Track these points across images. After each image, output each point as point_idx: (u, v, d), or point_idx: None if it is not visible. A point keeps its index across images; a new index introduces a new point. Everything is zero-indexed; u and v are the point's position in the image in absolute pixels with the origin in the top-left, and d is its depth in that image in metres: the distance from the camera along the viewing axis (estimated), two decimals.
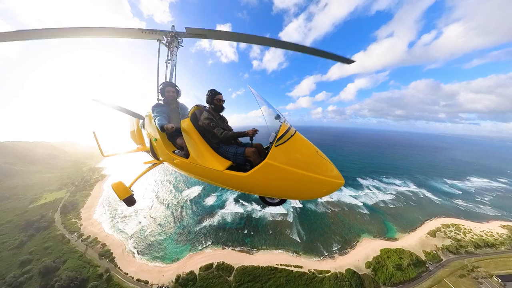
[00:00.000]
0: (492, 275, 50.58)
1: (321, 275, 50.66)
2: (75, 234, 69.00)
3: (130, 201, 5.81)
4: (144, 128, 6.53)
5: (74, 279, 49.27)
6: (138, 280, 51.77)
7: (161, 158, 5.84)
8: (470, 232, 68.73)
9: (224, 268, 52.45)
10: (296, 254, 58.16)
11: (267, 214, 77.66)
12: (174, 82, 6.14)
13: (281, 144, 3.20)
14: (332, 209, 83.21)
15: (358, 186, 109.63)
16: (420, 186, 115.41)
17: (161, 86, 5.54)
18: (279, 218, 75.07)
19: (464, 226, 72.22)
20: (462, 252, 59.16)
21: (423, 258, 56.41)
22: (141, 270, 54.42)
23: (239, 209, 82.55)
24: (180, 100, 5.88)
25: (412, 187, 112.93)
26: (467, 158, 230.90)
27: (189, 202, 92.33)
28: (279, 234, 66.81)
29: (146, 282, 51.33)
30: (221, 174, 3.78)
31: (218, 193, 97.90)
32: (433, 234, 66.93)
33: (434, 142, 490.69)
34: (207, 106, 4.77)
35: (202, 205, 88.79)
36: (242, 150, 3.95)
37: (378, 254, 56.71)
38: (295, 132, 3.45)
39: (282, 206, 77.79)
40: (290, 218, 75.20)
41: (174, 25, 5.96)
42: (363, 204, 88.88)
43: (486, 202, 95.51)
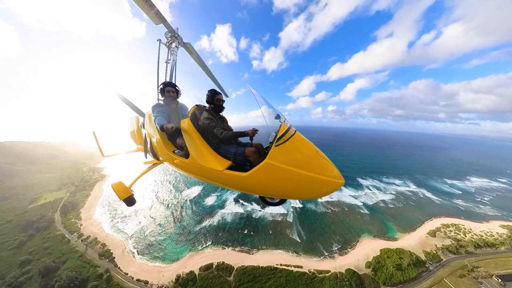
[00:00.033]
0: (492, 275, 50.55)
1: (321, 275, 50.64)
2: (75, 234, 68.97)
3: (130, 201, 5.81)
4: (144, 128, 6.54)
5: (74, 279, 49.24)
6: (138, 280, 51.73)
7: (161, 158, 5.83)
8: (470, 232, 68.70)
9: (224, 268, 52.42)
10: (296, 254, 58.11)
11: (267, 214, 77.62)
12: (174, 82, 6.14)
13: (281, 144, 3.19)
14: (332, 209, 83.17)
15: (358, 186, 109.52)
16: (420, 186, 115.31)
17: (161, 86, 5.54)
18: (279, 218, 75.04)
19: (464, 226, 72.19)
20: (462, 252, 59.15)
21: (423, 258, 56.38)
22: (141, 270, 54.38)
23: (239, 209, 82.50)
24: (180, 100, 5.88)
25: (412, 187, 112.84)
26: (467, 158, 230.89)
27: (189, 202, 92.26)
28: (279, 234, 66.77)
29: (146, 282, 51.30)
30: (221, 174, 3.78)
31: (218, 193, 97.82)
32: (433, 234, 66.91)
33: (434, 142, 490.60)
34: (207, 106, 4.78)
35: (202, 205, 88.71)
36: (242, 150, 3.95)
37: (378, 254, 56.67)
38: (295, 132, 3.44)
39: (282, 206, 77.75)
40: (290, 218, 75.16)
41: (177, 27, 5.98)
42: (363, 204, 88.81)
43: (486, 202, 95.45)
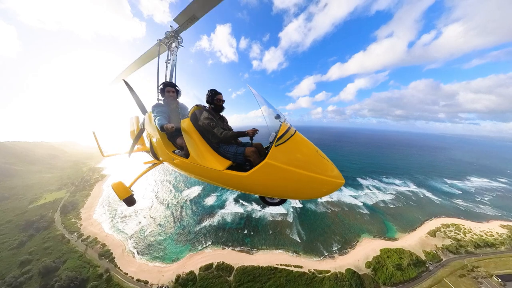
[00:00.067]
0: (492, 275, 50.56)
1: (321, 275, 50.63)
2: (75, 234, 68.95)
3: (130, 201, 5.80)
4: (144, 128, 6.54)
5: (74, 279, 49.21)
6: (138, 280, 51.72)
7: (161, 158, 5.83)
8: (470, 232, 68.71)
9: (224, 268, 52.41)
10: (296, 254, 58.11)
11: (267, 214, 77.61)
12: (174, 82, 6.14)
13: (281, 143, 3.19)
14: (332, 209, 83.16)
15: (358, 186, 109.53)
16: (420, 186, 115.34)
17: (161, 86, 5.54)
18: (279, 218, 75.03)
19: (464, 226, 72.20)
20: (462, 252, 59.16)
21: (423, 258, 56.40)
22: (141, 270, 54.37)
23: (239, 209, 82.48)
24: (180, 100, 5.88)
25: (412, 187, 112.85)
26: (467, 158, 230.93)
27: (189, 202, 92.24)
28: (279, 234, 66.77)
29: (146, 282, 51.28)
30: (221, 174, 3.77)
31: (218, 193, 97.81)
32: (433, 234, 66.91)
33: (434, 142, 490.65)
34: (207, 106, 4.78)
35: (202, 205, 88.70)
36: (242, 150, 3.95)
37: (378, 254, 56.68)
38: (295, 131, 3.44)
39: (282, 206, 77.74)
40: (290, 218, 75.15)
41: (172, 25, 5.95)
42: (363, 204, 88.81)
43: (486, 202, 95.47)
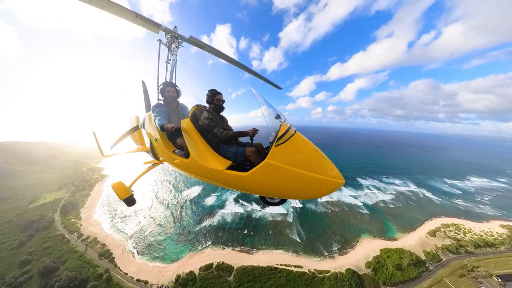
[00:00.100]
0: (492, 275, 50.59)
1: (321, 275, 50.64)
2: (75, 234, 68.94)
3: (130, 201, 5.80)
4: (144, 128, 6.53)
5: (74, 279, 49.20)
6: (138, 280, 51.72)
7: (161, 158, 5.83)
8: (470, 231, 68.74)
9: (224, 268, 52.42)
10: (296, 254, 58.12)
11: (267, 214, 77.61)
12: (174, 82, 6.14)
13: (281, 143, 3.19)
14: (332, 209, 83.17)
15: (358, 186, 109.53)
16: (420, 186, 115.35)
17: (161, 86, 5.55)
18: (279, 218, 75.03)
19: (464, 225, 72.22)
20: (462, 251, 59.18)
21: (423, 257, 56.41)
22: (141, 270, 54.36)
23: (239, 209, 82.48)
24: (180, 100, 5.88)
25: (412, 187, 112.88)
26: (467, 158, 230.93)
27: (189, 202, 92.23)
28: (279, 234, 66.77)
29: (146, 282, 51.28)
30: (221, 174, 3.77)
31: (218, 193, 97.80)
32: (433, 234, 66.93)
33: (434, 142, 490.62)
34: (207, 106, 4.78)
35: (202, 205, 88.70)
36: (242, 150, 3.95)
37: (378, 254, 56.69)
38: (295, 132, 3.44)
39: (282, 206, 77.73)
40: (290, 218, 75.15)
41: (175, 25, 5.96)
42: (363, 204, 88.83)
43: (486, 201, 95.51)
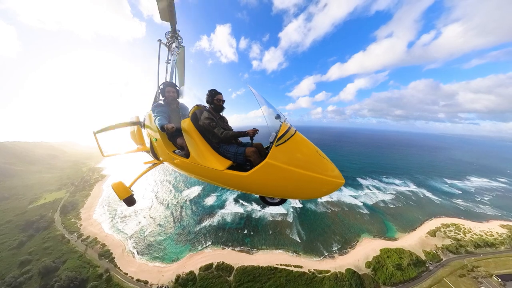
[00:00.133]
0: (492, 275, 50.60)
1: (321, 275, 50.64)
2: (75, 234, 68.92)
3: (130, 201, 5.79)
4: (144, 128, 6.53)
5: (74, 279, 49.18)
6: (138, 280, 51.70)
7: (161, 158, 5.82)
8: (470, 231, 68.76)
9: (224, 268, 52.42)
10: (296, 254, 58.12)
11: (267, 214, 77.61)
12: (174, 82, 6.14)
13: (281, 143, 3.19)
14: (332, 209, 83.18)
15: (358, 186, 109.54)
16: (420, 186, 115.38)
17: (161, 86, 5.55)
18: (279, 218, 75.02)
19: (464, 225, 72.24)
20: (462, 251, 59.20)
21: (423, 257, 56.43)
22: (140, 270, 54.34)
23: (239, 209, 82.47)
24: (180, 100, 5.88)
25: (412, 187, 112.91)
26: (467, 158, 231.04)
27: (188, 202, 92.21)
28: (279, 234, 66.77)
29: (146, 282, 51.26)
30: (221, 174, 3.77)
31: (218, 193, 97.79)
32: (433, 233, 66.94)
33: (434, 142, 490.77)
34: (207, 106, 4.78)
35: (202, 205, 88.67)
36: (242, 150, 3.95)
37: (378, 254, 56.70)
38: (295, 132, 3.45)
39: (282, 206, 77.73)
40: (290, 218, 75.15)
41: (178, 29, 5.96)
42: (363, 204, 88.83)
43: (485, 201, 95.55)
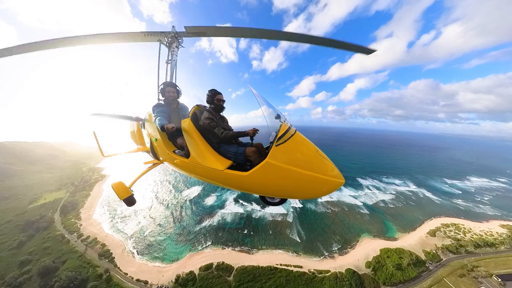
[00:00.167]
0: (492, 275, 50.63)
1: (321, 275, 50.67)
2: (75, 234, 68.94)
3: (130, 201, 5.79)
4: (144, 128, 6.53)
5: (74, 279, 49.21)
6: (138, 280, 51.72)
7: (161, 158, 5.83)
8: (470, 231, 68.79)
9: (224, 268, 52.44)
10: (296, 254, 58.15)
11: (267, 214, 77.63)
12: (174, 82, 6.14)
13: (281, 143, 3.20)
14: (332, 209, 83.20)
15: (358, 186, 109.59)
16: (420, 186, 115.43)
17: (161, 86, 5.54)
18: (279, 218, 75.05)
19: (464, 225, 72.28)
20: (462, 251, 59.22)
21: (423, 257, 56.45)
22: (140, 270, 54.36)
23: (239, 209, 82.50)
24: (180, 100, 5.88)
25: (412, 187, 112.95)
26: (467, 158, 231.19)
27: (188, 202, 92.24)
28: (279, 234, 66.79)
29: (146, 282, 51.29)
30: (221, 174, 3.77)
31: (218, 193, 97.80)
32: (433, 233, 66.96)
33: (434, 142, 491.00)
34: (208, 106, 4.78)
35: (202, 205, 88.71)
36: (242, 150, 3.95)
37: (378, 254, 56.73)
38: (295, 131, 3.45)
39: (282, 206, 77.75)
40: (290, 218, 75.17)
41: (174, 25, 5.96)
42: (363, 204, 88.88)
43: (485, 201, 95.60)
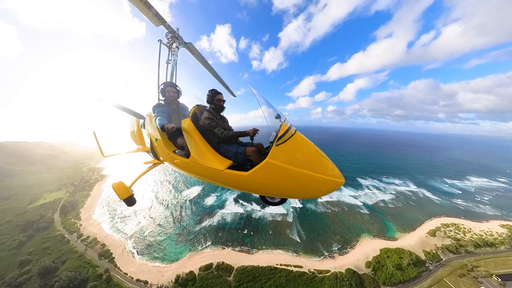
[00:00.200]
0: (492, 275, 50.63)
1: (321, 275, 50.66)
2: (75, 234, 68.90)
3: (130, 201, 5.80)
4: (144, 128, 6.53)
5: (74, 280, 49.18)
6: (138, 280, 51.69)
7: (161, 158, 5.83)
8: (470, 231, 68.80)
9: (224, 268, 52.43)
10: (296, 254, 58.13)
11: (267, 214, 77.62)
12: (174, 82, 6.14)
13: (281, 143, 3.20)
14: (332, 209, 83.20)
15: (358, 186, 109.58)
16: (419, 185, 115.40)
17: (161, 86, 5.55)
18: (279, 218, 75.03)
19: (463, 225, 72.28)
20: (462, 251, 59.23)
21: (423, 257, 56.45)
22: (140, 270, 54.33)
23: (239, 209, 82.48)
24: (180, 100, 5.89)
25: (411, 187, 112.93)
26: (467, 158, 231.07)
27: (188, 202, 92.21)
28: (279, 234, 66.78)
29: (146, 282, 51.26)
30: (222, 174, 3.78)
31: (218, 193, 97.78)
32: (432, 233, 66.97)
33: (434, 142, 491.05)
34: (208, 106, 4.79)
35: (202, 205, 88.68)
36: (242, 150, 3.96)
37: (378, 254, 56.72)
38: (296, 131, 3.45)
39: (281, 206, 77.74)
40: (290, 218, 75.17)
41: (174, 26, 5.97)
42: (363, 203, 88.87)
43: (485, 201, 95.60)
